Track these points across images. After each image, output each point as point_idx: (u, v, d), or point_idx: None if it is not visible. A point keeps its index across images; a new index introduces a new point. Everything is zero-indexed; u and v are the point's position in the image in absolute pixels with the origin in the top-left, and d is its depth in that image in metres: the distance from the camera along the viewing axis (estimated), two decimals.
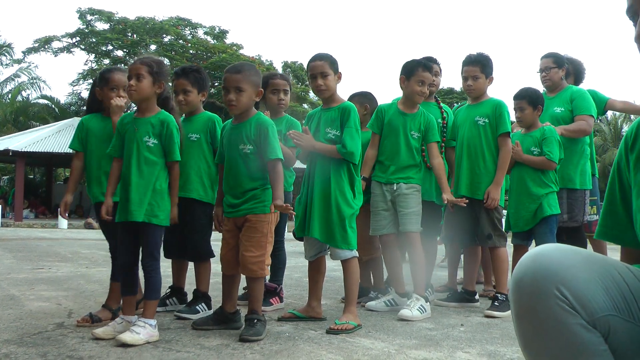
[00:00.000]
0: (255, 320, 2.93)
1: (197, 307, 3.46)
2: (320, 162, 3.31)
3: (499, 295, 3.73)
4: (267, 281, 3.82)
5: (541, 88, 4.57)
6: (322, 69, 3.31)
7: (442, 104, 4.27)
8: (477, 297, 4.11)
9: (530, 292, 1.09)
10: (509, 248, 3.88)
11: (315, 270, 3.43)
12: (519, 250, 3.92)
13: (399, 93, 3.91)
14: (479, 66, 3.90)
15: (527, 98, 4.01)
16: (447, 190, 3.72)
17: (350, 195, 3.28)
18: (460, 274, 4.70)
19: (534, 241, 4.20)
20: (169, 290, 3.67)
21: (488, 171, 3.84)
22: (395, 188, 3.69)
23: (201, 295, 3.50)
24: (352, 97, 4.20)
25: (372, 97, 4.32)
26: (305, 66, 3.67)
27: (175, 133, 2.97)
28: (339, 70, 3.38)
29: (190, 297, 3.63)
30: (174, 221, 3.01)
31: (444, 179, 3.74)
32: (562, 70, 4.58)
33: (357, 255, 3.32)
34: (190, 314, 3.40)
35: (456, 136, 4.05)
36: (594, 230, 5.03)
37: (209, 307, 3.50)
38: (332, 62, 3.35)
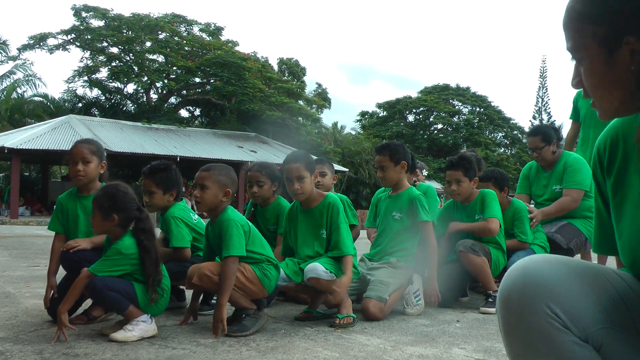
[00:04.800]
0: (244, 316, 2.94)
1: (213, 301, 3.47)
2: (311, 247, 3.36)
3: (492, 292, 3.73)
4: None
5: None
6: (297, 172, 3.25)
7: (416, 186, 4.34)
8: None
9: (519, 309, 1.07)
10: None
11: (295, 293, 3.48)
12: None
13: (394, 93, 3.96)
14: (461, 170, 3.87)
15: (492, 180, 4.16)
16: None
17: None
18: None
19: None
20: None
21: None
22: None
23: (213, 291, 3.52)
24: (321, 163, 4.28)
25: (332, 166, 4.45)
26: (300, 62, 3.69)
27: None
28: (315, 170, 3.36)
29: (187, 294, 3.62)
30: None
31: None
32: (553, 144, 4.43)
33: (333, 280, 3.19)
34: (209, 310, 3.41)
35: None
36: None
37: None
38: (308, 163, 3.31)
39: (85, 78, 29.41)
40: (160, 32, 29.42)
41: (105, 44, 28.50)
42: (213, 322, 2.86)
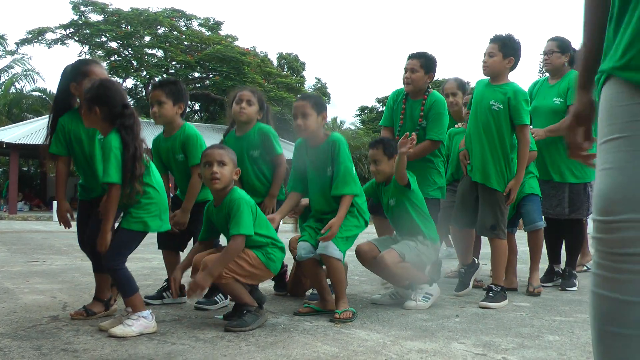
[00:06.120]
0: (245, 311, 2.93)
1: (215, 298, 3.51)
2: (323, 196, 3.40)
3: (494, 286, 3.73)
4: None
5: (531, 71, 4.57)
6: (303, 109, 3.30)
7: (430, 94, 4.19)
8: (477, 261, 4.30)
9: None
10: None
11: (312, 274, 3.43)
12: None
13: (395, 85, 3.96)
14: (497, 43, 3.83)
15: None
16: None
17: (358, 212, 3.36)
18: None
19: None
20: (165, 283, 3.67)
21: (497, 159, 3.79)
22: None
23: (216, 286, 3.51)
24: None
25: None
26: (299, 57, 3.68)
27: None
28: (324, 111, 3.37)
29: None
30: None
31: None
32: (566, 56, 4.48)
33: (342, 260, 3.28)
34: (209, 304, 3.46)
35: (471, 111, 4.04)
36: None
37: (227, 297, 3.54)
38: (316, 103, 3.34)
39: None
40: (159, 27, 29.34)
41: (104, 38, 28.44)
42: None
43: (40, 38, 28.21)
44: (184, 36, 29.87)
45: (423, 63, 4.11)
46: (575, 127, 1.49)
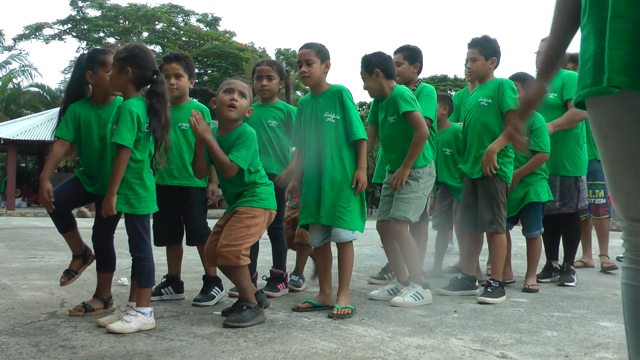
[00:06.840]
0: (245, 307, 2.92)
1: (212, 292, 3.51)
2: (317, 148, 3.36)
3: (492, 281, 3.73)
4: (271, 268, 3.92)
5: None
6: (307, 56, 3.36)
7: (420, 85, 4.21)
8: (477, 283, 4.03)
9: None
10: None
11: (323, 258, 3.43)
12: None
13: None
14: (477, 48, 3.90)
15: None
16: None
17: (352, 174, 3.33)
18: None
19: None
20: (164, 279, 3.66)
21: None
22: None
23: (212, 280, 3.53)
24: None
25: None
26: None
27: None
28: (327, 59, 3.40)
29: (186, 285, 3.70)
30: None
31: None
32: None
33: (356, 238, 3.36)
34: (207, 301, 3.45)
35: (462, 119, 4.10)
36: (602, 214, 5.24)
37: (222, 289, 3.56)
38: (319, 51, 3.38)
39: None
40: (157, 23, 29.29)
41: (101, 34, 28.38)
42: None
43: (37, 34, 28.16)
44: (182, 32, 29.82)
45: (406, 55, 4.19)
46: (528, 110, 1.76)
